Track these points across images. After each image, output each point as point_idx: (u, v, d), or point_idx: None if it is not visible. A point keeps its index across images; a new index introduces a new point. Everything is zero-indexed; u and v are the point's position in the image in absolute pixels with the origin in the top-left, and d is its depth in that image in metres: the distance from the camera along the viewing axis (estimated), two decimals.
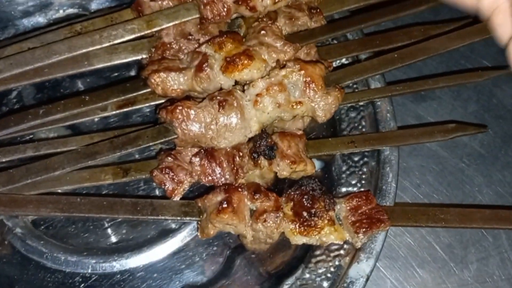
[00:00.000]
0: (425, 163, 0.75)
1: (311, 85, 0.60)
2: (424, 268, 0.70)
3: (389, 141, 0.65)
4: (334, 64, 0.67)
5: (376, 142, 0.65)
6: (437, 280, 0.69)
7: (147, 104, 0.67)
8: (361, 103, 0.70)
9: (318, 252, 0.63)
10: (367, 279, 0.60)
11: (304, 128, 0.66)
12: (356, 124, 0.70)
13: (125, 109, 0.66)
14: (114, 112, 0.66)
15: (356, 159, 0.68)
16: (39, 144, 0.65)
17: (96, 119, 0.73)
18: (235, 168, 0.62)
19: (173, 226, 0.68)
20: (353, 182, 0.67)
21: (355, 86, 0.70)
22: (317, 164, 0.67)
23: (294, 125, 0.66)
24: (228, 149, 0.63)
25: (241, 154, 0.62)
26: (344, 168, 0.68)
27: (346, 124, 0.70)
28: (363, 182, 0.67)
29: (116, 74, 0.76)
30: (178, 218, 0.60)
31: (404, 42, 0.66)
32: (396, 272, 0.69)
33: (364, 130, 0.69)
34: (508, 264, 0.70)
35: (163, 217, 0.60)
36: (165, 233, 0.68)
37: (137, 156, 0.71)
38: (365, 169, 0.67)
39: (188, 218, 0.61)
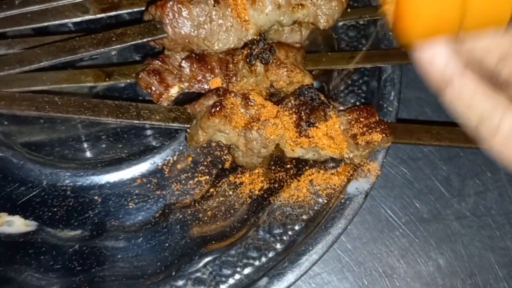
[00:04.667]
0: (424, 95, 0.72)
1: None
2: (420, 199, 0.66)
3: (392, 58, 0.61)
4: None
5: (378, 59, 0.61)
6: (433, 212, 0.66)
7: (132, 10, 0.62)
8: (361, 22, 0.66)
9: (313, 170, 0.59)
10: (366, 196, 0.56)
11: (301, 43, 0.62)
12: (356, 43, 0.65)
13: (108, 13, 0.61)
14: (96, 16, 0.61)
15: (355, 77, 0.64)
16: (13, 41, 0.59)
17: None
18: (228, 74, 0.57)
19: (154, 143, 0.63)
20: (352, 101, 0.63)
21: (355, 4, 0.66)
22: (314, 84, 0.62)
23: (291, 37, 0.61)
24: (221, 56, 0.58)
25: (235, 60, 0.58)
26: (342, 88, 0.63)
27: (345, 43, 0.66)
28: (362, 101, 0.63)
29: None
30: (166, 123, 0.55)
31: None
32: (391, 202, 0.66)
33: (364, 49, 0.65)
34: (506, 199, 0.67)
35: (149, 122, 0.55)
36: (147, 151, 0.62)
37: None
38: (364, 88, 0.63)
39: (176, 124, 0.56)
